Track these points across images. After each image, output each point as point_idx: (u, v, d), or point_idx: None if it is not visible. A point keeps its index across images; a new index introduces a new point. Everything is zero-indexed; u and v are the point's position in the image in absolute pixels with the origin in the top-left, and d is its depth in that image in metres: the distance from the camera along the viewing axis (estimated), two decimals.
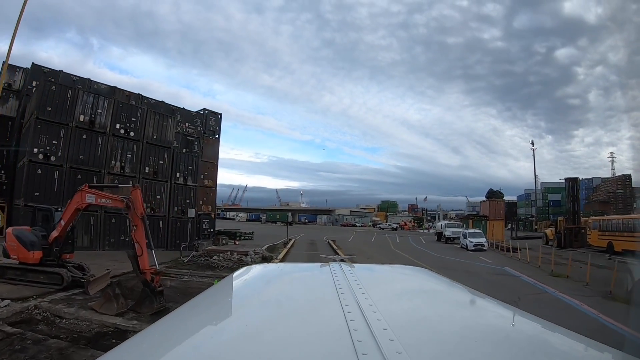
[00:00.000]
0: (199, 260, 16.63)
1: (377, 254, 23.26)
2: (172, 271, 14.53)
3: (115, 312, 8.57)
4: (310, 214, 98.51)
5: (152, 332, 1.28)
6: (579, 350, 1.13)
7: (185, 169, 22.69)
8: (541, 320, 1.29)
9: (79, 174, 20.06)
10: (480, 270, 17.23)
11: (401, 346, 0.88)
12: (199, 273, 14.14)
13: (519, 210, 65.68)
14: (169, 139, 22.72)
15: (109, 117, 21.45)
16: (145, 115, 22.34)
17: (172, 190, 21.96)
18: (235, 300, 1.60)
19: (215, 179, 30.60)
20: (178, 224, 21.62)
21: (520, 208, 68.88)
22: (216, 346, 1.05)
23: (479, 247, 25.71)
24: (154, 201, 21.44)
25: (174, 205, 21.74)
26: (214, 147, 31.29)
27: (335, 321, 1.07)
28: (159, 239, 21.30)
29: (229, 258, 17.08)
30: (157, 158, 22.05)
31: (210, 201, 29.99)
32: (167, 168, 22.14)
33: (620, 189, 57.90)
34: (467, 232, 27.12)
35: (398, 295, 1.64)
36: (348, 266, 1.83)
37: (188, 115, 30.31)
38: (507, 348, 1.07)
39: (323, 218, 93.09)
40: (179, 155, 22.74)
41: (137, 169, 21.38)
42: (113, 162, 20.97)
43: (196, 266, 15.73)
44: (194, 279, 13.14)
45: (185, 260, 16.61)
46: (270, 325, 1.18)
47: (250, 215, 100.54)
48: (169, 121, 23.10)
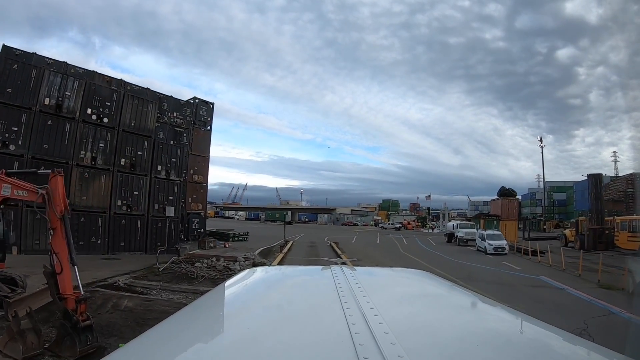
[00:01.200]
0: (177, 268, 13.85)
1: (386, 259, 20.46)
2: (139, 284, 11.75)
3: (21, 356, 5.80)
4: (310, 213, 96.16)
5: (150, 336, 1.25)
6: (580, 354, 1.12)
7: (169, 162, 19.86)
8: (544, 323, 1.27)
9: (42, 165, 17.21)
10: (514, 281, 14.45)
11: (403, 350, 0.88)
12: (172, 287, 11.35)
13: (523, 209, 63.95)
14: (149, 126, 19.93)
15: (78, 101, 18.64)
16: (121, 100, 19.54)
17: (152, 186, 19.17)
18: (236, 303, 1.58)
19: (206, 175, 27.71)
20: (159, 224, 18.85)
21: (524, 207, 67.16)
22: (217, 350, 1.05)
23: (499, 251, 22.96)
24: (131, 198, 18.65)
25: (155, 203, 18.96)
26: (205, 140, 28.39)
27: (337, 325, 1.07)
28: (136, 242, 18.57)
29: (214, 265, 14.31)
30: (135, 148, 19.25)
31: (201, 199, 27.12)
32: (146, 160, 19.34)
33: (630, 188, 55.89)
34: (486, 233, 24.33)
35: (399, 299, 1.60)
36: (349, 269, 1.81)
37: (176, 104, 27.34)
38: (509, 352, 1.06)
39: (324, 217, 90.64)
40: (160, 146, 19.93)
41: (111, 160, 18.58)
42: (83, 153, 18.17)
43: (172, 276, 12.96)
44: (162, 297, 10.35)
45: (161, 269, 13.83)
46: (271, 329, 1.16)
47: (250, 214, 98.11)
48: (149, 107, 20.30)
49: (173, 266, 14.14)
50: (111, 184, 18.35)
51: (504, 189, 42.18)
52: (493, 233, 24.54)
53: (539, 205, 69.72)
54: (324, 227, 71.81)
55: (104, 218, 17.98)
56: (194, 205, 26.30)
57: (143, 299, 9.75)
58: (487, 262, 19.66)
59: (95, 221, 17.84)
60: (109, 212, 18.09)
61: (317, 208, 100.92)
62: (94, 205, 17.95)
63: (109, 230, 17.96)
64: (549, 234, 49.60)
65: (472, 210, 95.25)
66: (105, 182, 18.30)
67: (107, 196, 18.20)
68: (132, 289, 11.20)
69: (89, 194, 17.95)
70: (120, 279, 12.10)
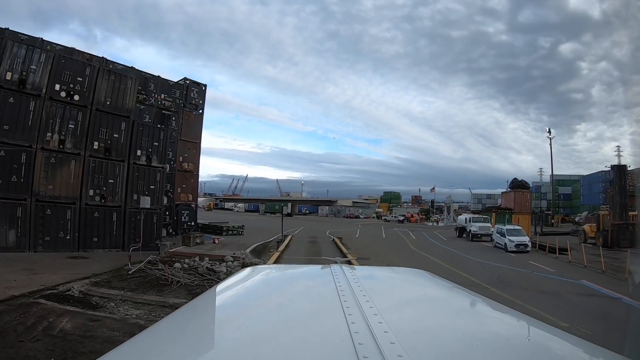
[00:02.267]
0: (151, 270, 11.52)
1: (397, 257, 18.11)
2: (98, 292, 9.43)
3: None
4: (311, 205, 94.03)
5: (149, 335, 1.25)
6: (581, 355, 1.11)
7: (150, 146, 17.36)
8: (543, 324, 1.27)
9: (1, 149, 14.90)
10: (554, 287, 12.10)
11: (402, 349, 0.87)
12: (136, 297, 9.01)
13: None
14: (127, 105, 17.42)
15: (45, 76, 16.12)
16: (95, 75, 17.02)
17: (130, 173, 16.75)
18: (236, 302, 1.57)
19: (197, 162, 25.37)
20: (139, 217, 16.47)
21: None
22: (217, 349, 1.04)
23: (521, 248, 20.63)
24: (105, 187, 16.24)
25: (133, 193, 16.56)
26: (196, 124, 26.00)
27: (337, 324, 1.06)
28: (112, 237, 16.22)
29: (195, 267, 11.98)
30: (111, 130, 16.77)
31: (191, 189, 24.83)
32: (124, 144, 16.87)
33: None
34: (506, 228, 21.91)
35: (399, 298, 1.60)
36: (349, 268, 1.79)
37: (164, 85, 24.86)
38: (508, 351, 1.06)
39: (324, 209, 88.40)
40: (141, 128, 17.41)
41: (83, 143, 16.13)
42: (49, 135, 15.71)
43: (141, 281, 10.62)
44: (118, 312, 8.00)
45: (131, 271, 11.51)
46: (270, 327, 1.16)
47: (249, 205, 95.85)
48: (128, 83, 17.76)
49: (147, 268, 11.80)
50: (82, 170, 15.93)
51: (517, 181, 39.60)
52: (514, 228, 22.13)
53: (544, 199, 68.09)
54: (325, 219, 69.57)
55: (74, 210, 15.60)
56: (184, 196, 24.02)
57: (89, 318, 7.40)
58: (511, 262, 17.31)
59: (64, 213, 15.47)
60: (80, 203, 15.70)
61: (317, 200, 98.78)
62: (62, 195, 15.56)
63: (79, 224, 15.60)
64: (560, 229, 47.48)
65: (475, 203, 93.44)
66: (75, 169, 15.87)
67: (77, 185, 15.79)
68: (86, 300, 8.89)
69: (56, 182, 15.55)
70: (75, 286, 9.79)
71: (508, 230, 21.63)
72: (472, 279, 12.54)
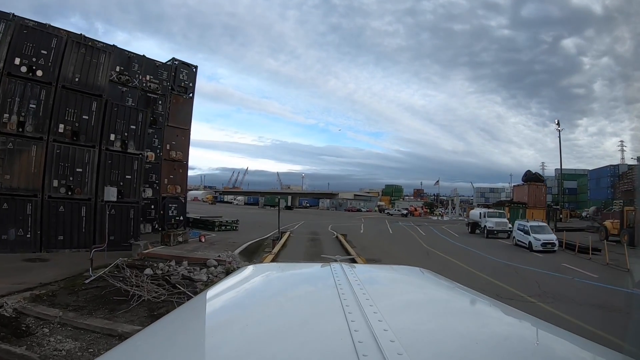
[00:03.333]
0: (114, 279, 9.28)
1: (411, 257, 15.78)
2: (35, 311, 7.22)
3: None
4: (312, 198, 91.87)
5: (149, 334, 1.24)
6: (581, 354, 1.10)
7: (126, 129, 15.01)
8: (544, 322, 1.25)
9: None
10: (612, 301, 9.77)
11: (402, 347, 0.87)
12: (78, 321, 6.76)
13: None
14: (100, 83, 15.05)
15: (4, 48, 13.85)
16: (63, 47, 14.65)
17: (103, 161, 14.44)
18: (236, 301, 1.54)
19: (186, 151, 23.04)
20: (113, 211, 14.23)
21: None
22: (217, 348, 1.03)
23: (548, 247, 18.38)
24: (72, 177, 13.96)
25: (106, 184, 14.25)
26: (185, 109, 23.59)
27: (336, 322, 1.06)
28: (81, 235, 13.97)
29: (169, 273, 9.74)
30: (80, 111, 14.44)
31: (180, 180, 22.53)
32: (95, 127, 14.55)
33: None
34: (530, 225, 19.59)
35: (399, 297, 1.59)
36: (349, 266, 1.79)
37: (150, 66, 22.41)
38: (508, 350, 1.05)
39: (325, 202, 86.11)
40: (115, 109, 15.03)
41: (46, 126, 13.83)
42: (6, 116, 13.40)
43: (97, 294, 8.39)
44: (44, 348, 5.76)
45: (89, 280, 9.28)
46: (270, 326, 1.14)
47: (249, 198, 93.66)
48: (101, 57, 15.37)
49: (111, 275, 9.58)
50: (45, 157, 13.65)
51: (531, 173, 37.31)
52: (538, 225, 19.80)
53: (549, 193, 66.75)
54: (326, 213, 67.34)
55: (35, 204, 13.35)
56: (171, 188, 21.76)
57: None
58: (542, 264, 15.05)
59: (23, 208, 13.24)
60: (42, 196, 13.45)
61: (318, 193, 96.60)
62: (21, 187, 13.30)
63: (41, 219, 13.36)
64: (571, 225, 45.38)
65: (478, 197, 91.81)
66: (36, 156, 13.59)
67: (38, 174, 13.52)
68: (14, 324, 6.69)
69: (14, 172, 13.30)
70: (9, 301, 7.59)
71: (532, 227, 19.33)
72: (510, 289, 10.31)
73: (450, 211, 68.81)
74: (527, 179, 37.60)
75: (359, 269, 1.74)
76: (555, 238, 18.87)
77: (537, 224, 20.18)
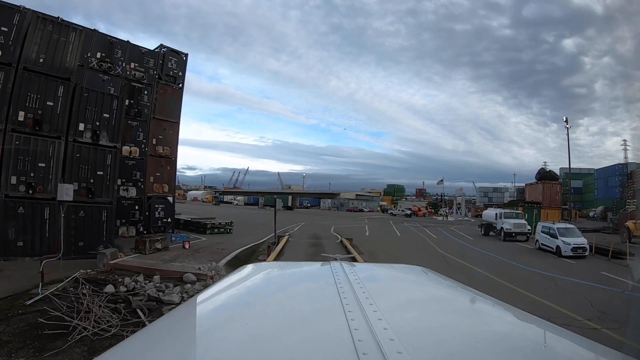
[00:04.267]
0: (58, 303, 7.29)
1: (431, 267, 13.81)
2: None
3: None
4: (313, 198, 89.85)
5: (148, 334, 1.24)
6: (582, 353, 1.08)
7: (98, 118, 13.01)
8: (544, 321, 1.22)
9: None
10: None
11: (402, 346, 0.86)
12: None
13: None
14: (68, 65, 13.04)
15: None
16: (26, 24, 12.68)
17: (70, 154, 12.44)
18: (236, 300, 1.48)
19: (174, 146, 21.02)
20: (82, 213, 12.24)
21: None
22: (216, 347, 1.00)
23: (579, 252, 16.35)
24: (34, 173, 11.95)
25: (74, 181, 12.25)
26: (174, 100, 21.58)
27: (336, 321, 1.05)
28: (44, 240, 11.92)
29: (132, 292, 7.74)
30: (44, 97, 12.44)
31: (167, 178, 20.51)
32: (61, 115, 12.54)
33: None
34: (557, 227, 17.53)
35: (399, 295, 1.54)
36: (349, 265, 1.75)
37: (135, 52, 20.39)
38: (508, 349, 1.03)
39: (327, 202, 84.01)
40: (85, 94, 13.02)
41: (3, 114, 11.84)
42: None
43: (32, 323, 6.39)
44: None
45: (31, 302, 7.30)
46: (270, 325, 1.12)
47: (249, 198, 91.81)
48: (70, 36, 13.37)
49: (60, 294, 7.59)
50: (1, 150, 11.67)
51: (545, 171, 35.28)
52: (566, 227, 17.73)
53: None
54: (328, 213, 65.25)
55: None
56: (157, 187, 19.74)
57: None
58: (580, 274, 13.00)
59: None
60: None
61: (320, 192, 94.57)
62: None
63: None
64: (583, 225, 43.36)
65: (481, 196, 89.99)
66: None
67: None
68: None
69: None
70: None
71: (559, 229, 17.27)
72: (559, 309, 8.31)
73: (456, 211, 66.79)
74: (541, 177, 35.53)
75: (359, 268, 1.72)
76: (587, 242, 16.82)
77: (564, 225, 18.11)
